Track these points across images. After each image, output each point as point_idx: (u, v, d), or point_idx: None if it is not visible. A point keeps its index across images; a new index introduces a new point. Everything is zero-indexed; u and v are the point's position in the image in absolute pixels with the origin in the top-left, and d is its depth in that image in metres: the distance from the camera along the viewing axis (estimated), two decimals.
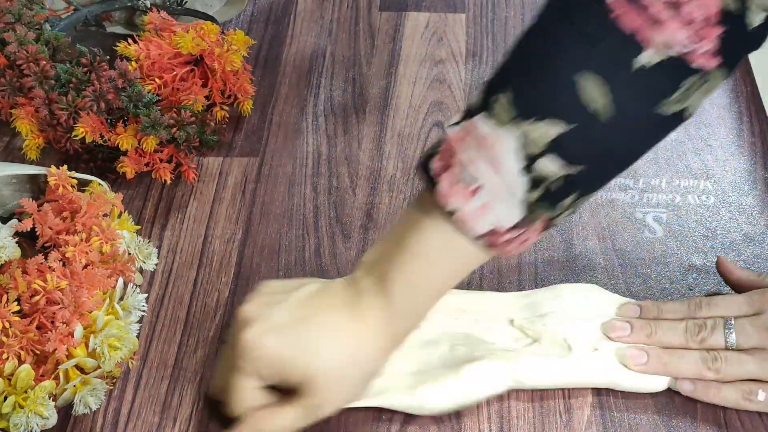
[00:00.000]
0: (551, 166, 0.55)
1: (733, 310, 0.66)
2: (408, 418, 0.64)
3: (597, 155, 0.56)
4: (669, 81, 0.54)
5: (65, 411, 0.62)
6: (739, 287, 0.69)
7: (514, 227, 0.57)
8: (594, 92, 0.54)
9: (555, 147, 0.55)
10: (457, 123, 0.58)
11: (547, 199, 0.56)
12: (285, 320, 0.60)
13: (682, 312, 0.67)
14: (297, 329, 0.59)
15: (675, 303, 0.67)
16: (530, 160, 0.55)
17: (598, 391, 0.65)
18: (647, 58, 0.53)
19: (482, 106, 0.56)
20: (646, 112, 0.55)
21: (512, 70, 0.57)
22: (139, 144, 0.77)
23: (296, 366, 0.59)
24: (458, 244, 0.58)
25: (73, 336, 0.59)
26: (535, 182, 0.56)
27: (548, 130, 0.54)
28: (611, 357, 0.65)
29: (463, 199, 0.56)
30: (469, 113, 0.57)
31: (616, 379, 0.65)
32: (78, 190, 0.67)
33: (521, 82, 0.56)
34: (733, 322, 0.64)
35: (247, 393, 0.60)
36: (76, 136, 0.76)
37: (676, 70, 0.54)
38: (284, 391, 0.60)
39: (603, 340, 0.66)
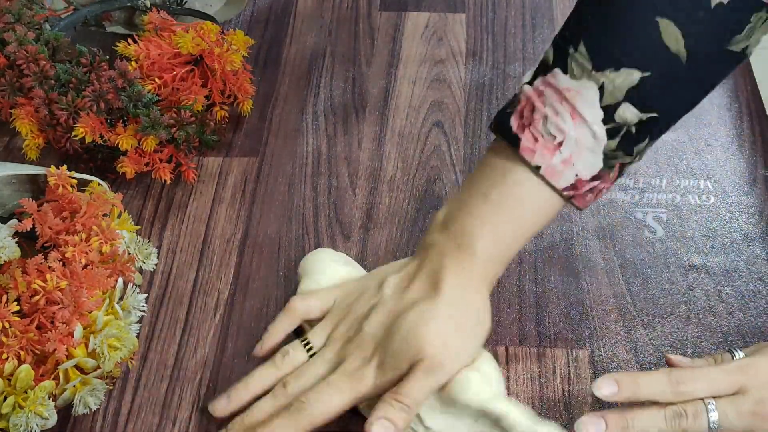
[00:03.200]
0: (628, 114, 0.58)
1: (714, 387, 0.59)
2: None
3: (670, 100, 0.59)
4: (740, 16, 0.56)
5: (65, 411, 0.62)
6: None
7: (594, 177, 0.60)
8: (670, 37, 0.56)
9: (632, 96, 0.57)
10: (532, 81, 0.60)
11: (624, 147, 0.59)
12: (385, 325, 0.62)
13: (660, 387, 0.59)
14: (395, 329, 0.62)
15: (654, 376, 0.60)
16: (610, 110, 0.58)
17: None
18: None
19: (556, 60, 0.59)
20: (717, 51, 0.57)
21: (583, 21, 0.59)
22: (138, 144, 0.77)
23: (402, 359, 0.61)
24: (541, 194, 0.61)
25: (72, 336, 0.59)
26: (614, 131, 0.58)
27: (625, 79, 0.57)
28: None
29: (548, 154, 0.59)
30: (544, 68, 0.59)
31: None
32: (78, 190, 0.67)
33: (596, 33, 0.58)
34: (714, 404, 0.58)
35: (349, 401, 0.62)
36: (75, 136, 0.76)
37: (746, 6, 0.56)
38: None
39: None
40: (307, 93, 0.90)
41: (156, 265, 0.69)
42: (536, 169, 0.59)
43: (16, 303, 0.59)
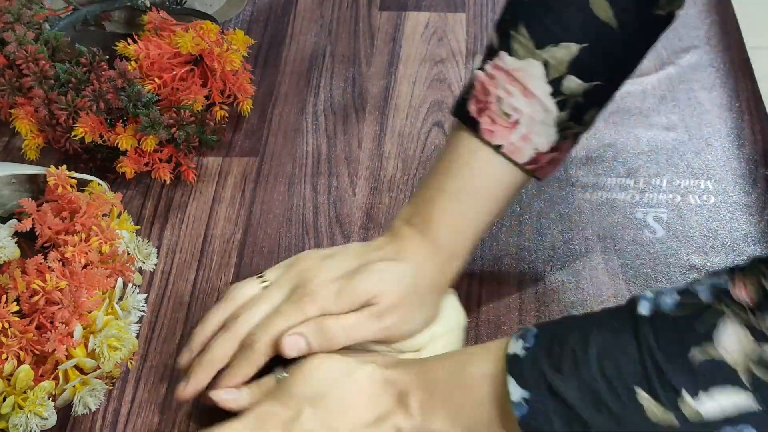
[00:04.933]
0: (574, 86, 0.61)
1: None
2: None
3: (609, 68, 0.63)
4: None
5: (65, 411, 0.62)
6: None
7: (552, 149, 0.64)
8: (599, 8, 0.60)
9: (574, 67, 0.60)
10: (482, 66, 0.63)
11: (574, 118, 0.63)
12: (348, 266, 0.64)
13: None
14: (360, 269, 0.63)
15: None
16: (556, 83, 0.61)
17: None
18: None
19: (501, 44, 0.62)
20: (645, 16, 0.61)
21: (520, 4, 0.62)
22: (138, 144, 0.77)
23: (360, 292, 0.62)
24: (505, 171, 0.64)
25: (72, 336, 0.59)
26: (563, 103, 0.62)
27: (566, 52, 0.60)
28: None
29: (507, 132, 0.63)
30: (490, 52, 0.63)
31: None
32: (77, 190, 0.67)
33: (533, 14, 0.61)
34: None
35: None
36: (75, 136, 0.76)
37: None
38: None
39: None
40: (307, 93, 0.90)
41: (156, 265, 0.69)
42: (497, 148, 0.63)
43: (15, 303, 0.59)
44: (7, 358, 0.57)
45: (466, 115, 0.64)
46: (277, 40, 0.96)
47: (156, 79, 0.80)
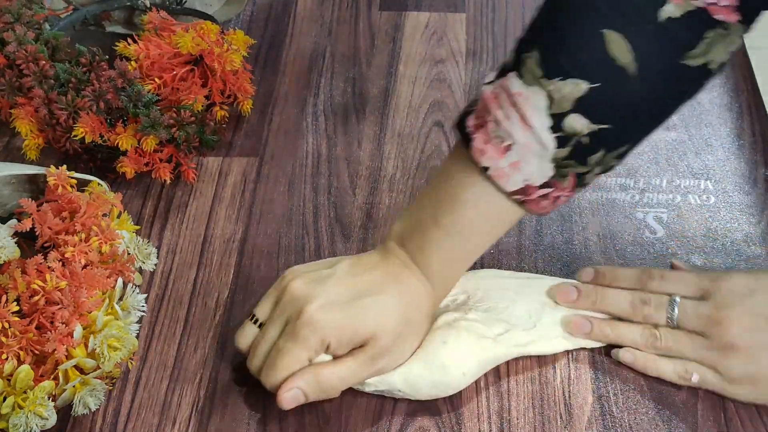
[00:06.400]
0: (578, 124, 0.57)
1: (681, 288, 0.66)
2: (408, 417, 0.64)
3: (622, 113, 0.58)
4: (692, 33, 0.56)
5: (65, 411, 0.62)
6: None
7: (545, 184, 0.60)
8: (617, 49, 0.56)
9: (580, 106, 0.57)
10: (492, 81, 0.60)
11: (575, 157, 0.59)
12: (342, 295, 0.63)
13: (633, 280, 0.67)
14: (356, 302, 0.62)
15: (631, 270, 0.69)
16: (558, 119, 0.57)
17: (598, 392, 0.65)
18: (671, 10, 0.55)
19: (514, 64, 0.59)
20: (671, 65, 0.57)
21: (539, 29, 0.59)
22: (138, 144, 0.77)
23: (361, 331, 0.62)
24: (493, 199, 0.61)
25: (72, 336, 0.59)
26: (563, 140, 0.58)
27: (573, 89, 0.56)
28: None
29: (496, 156, 0.59)
30: (503, 71, 0.60)
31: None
32: (77, 190, 0.67)
33: (547, 42, 0.58)
34: (678, 301, 0.65)
35: (301, 360, 0.62)
36: (75, 136, 0.76)
37: (699, 22, 0.56)
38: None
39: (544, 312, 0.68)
40: (307, 93, 0.90)
41: (156, 265, 0.69)
42: (484, 170, 0.60)
43: (15, 303, 0.59)
44: (7, 358, 0.57)
45: (464, 129, 0.61)
46: (277, 40, 0.96)
47: (156, 79, 0.80)
